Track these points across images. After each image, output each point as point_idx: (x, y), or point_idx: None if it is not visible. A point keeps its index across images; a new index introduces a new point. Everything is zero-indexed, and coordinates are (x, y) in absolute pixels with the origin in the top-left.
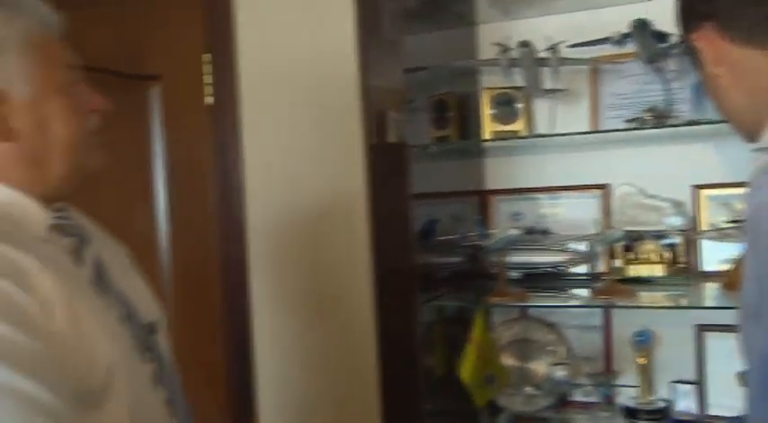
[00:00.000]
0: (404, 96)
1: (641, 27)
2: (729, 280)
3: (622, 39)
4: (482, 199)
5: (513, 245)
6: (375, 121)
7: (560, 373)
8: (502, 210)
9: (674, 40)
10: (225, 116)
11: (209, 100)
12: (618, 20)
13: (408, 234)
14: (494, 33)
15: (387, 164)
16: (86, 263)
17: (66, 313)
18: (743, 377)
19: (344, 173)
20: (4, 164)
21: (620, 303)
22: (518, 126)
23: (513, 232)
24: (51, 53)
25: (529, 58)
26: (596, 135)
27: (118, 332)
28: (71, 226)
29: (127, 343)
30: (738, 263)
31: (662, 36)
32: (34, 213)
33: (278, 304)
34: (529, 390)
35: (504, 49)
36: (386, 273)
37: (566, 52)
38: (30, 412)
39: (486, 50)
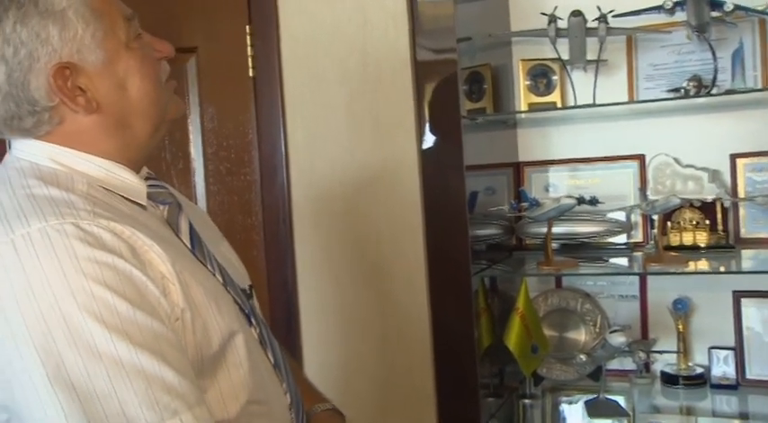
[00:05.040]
0: (456, 66)
1: None
2: None
3: (674, 7)
4: (516, 171)
5: (566, 214)
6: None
7: (619, 339)
8: (535, 181)
9: (727, 7)
10: (267, 88)
11: (252, 72)
12: None
13: (462, 206)
14: (524, 4)
15: (440, 135)
16: (182, 230)
17: (179, 287)
18: None
19: (394, 144)
20: (95, 136)
21: (672, 270)
22: (554, 97)
23: (568, 201)
24: (110, 11)
25: (579, 28)
26: (633, 106)
27: (225, 299)
28: (166, 193)
29: (235, 309)
30: None
31: (715, 4)
32: (133, 182)
33: (324, 277)
34: (582, 358)
35: (552, 19)
36: (439, 245)
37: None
38: (155, 391)
39: (518, 22)
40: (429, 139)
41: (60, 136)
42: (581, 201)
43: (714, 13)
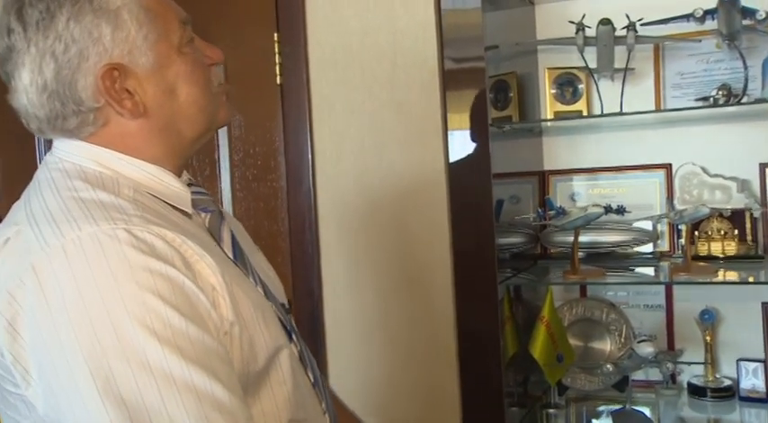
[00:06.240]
0: (484, 75)
1: (730, 3)
2: None
3: (704, 15)
4: (541, 179)
5: (592, 223)
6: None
7: (647, 349)
8: (561, 190)
9: (760, 15)
10: (294, 95)
11: (279, 79)
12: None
13: (489, 214)
14: (550, 13)
15: (468, 143)
16: (225, 240)
17: (229, 300)
18: None
19: (421, 151)
20: (140, 140)
21: (700, 280)
22: (580, 106)
23: (595, 210)
24: (165, 13)
25: (608, 37)
26: (660, 114)
27: (270, 314)
28: (208, 201)
29: (278, 325)
30: None
31: (747, 12)
32: (178, 189)
33: (349, 283)
34: (608, 367)
35: (580, 27)
36: (465, 253)
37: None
38: (206, 409)
39: (544, 30)
40: (456, 147)
41: (104, 138)
42: (608, 210)
43: (746, 22)
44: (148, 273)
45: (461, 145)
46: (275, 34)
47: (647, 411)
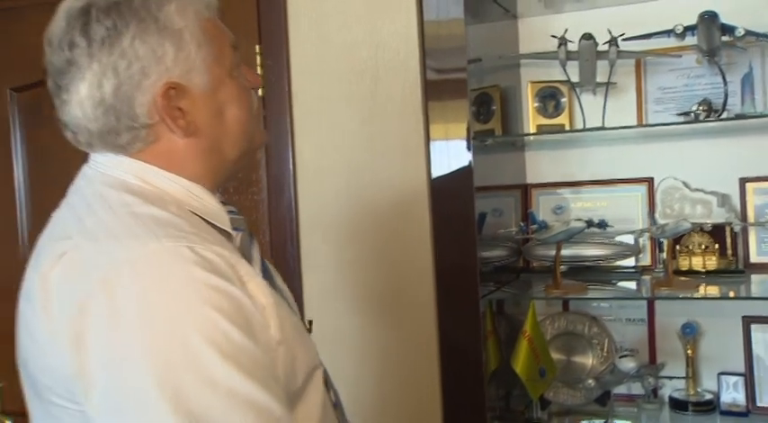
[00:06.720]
0: (466, 87)
1: (710, 20)
2: None
3: (684, 31)
4: (524, 192)
5: (574, 237)
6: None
7: (629, 364)
8: (543, 203)
9: (738, 32)
10: (276, 107)
11: (261, 91)
12: (660, 14)
13: (471, 227)
14: (533, 27)
15: (450, 156)
16: (255, 260)
17: (276, 320)
18: None
19: (404, 166)
20: (186, 159)
21: (681, 295)
22: (563, 120)
23: (578, 225)
24: (220, 37)
25: (590, 51)
26: (642, 129)
27: (306, 333)
28: (241, 220)
29: (312, 344)
30: None
31: (726, 29)
32: (216, 208)
33: (331, 297)
34: (591, 382)
35: (562, 41)
36: (448, 266)
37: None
38: None
39: (527, 44)
40: (439, 160)
41: (150, 154)
42: (590, 224)
43: (725, 38)
44: (213, 290)
45: (444, 158)
46: (257, 46)
47: None
